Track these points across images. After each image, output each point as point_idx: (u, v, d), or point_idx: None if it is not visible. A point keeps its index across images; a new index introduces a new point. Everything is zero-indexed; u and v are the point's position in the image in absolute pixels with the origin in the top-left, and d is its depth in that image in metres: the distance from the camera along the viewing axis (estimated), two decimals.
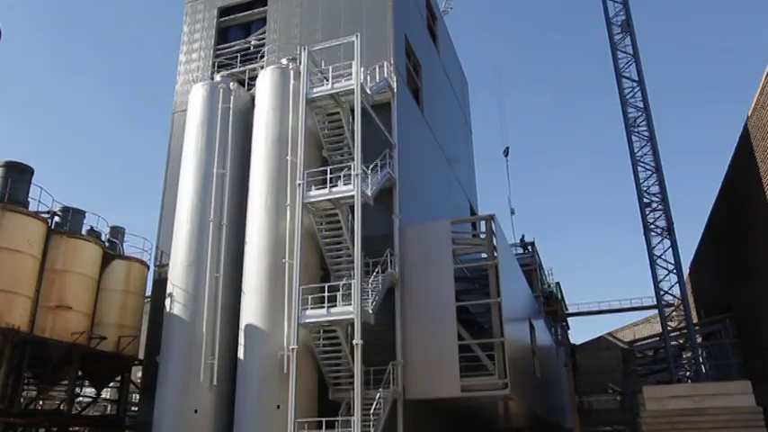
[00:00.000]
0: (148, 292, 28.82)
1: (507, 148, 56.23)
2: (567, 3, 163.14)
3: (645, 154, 37.49)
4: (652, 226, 36.36)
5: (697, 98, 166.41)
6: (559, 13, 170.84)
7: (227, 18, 31.75)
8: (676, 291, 36.19)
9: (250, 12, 31.30)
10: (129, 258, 29.17)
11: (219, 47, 31.08)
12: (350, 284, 21.09)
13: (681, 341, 36.84)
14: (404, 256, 23.39)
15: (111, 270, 28.08)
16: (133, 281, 28.65)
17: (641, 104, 38.07)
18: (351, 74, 23.44)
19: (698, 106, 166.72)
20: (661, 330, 36.30)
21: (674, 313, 38.72)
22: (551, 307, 47.72)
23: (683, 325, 37.36)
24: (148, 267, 29.56)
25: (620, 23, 40.02)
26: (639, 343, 41.71)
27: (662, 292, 35.71)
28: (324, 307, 21.01)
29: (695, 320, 42.08)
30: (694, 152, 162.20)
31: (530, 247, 47.35)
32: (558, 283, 53.31)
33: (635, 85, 38.47)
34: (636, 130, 37.76)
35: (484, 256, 23.60)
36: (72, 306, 25.52)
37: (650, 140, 37.37)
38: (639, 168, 37.22)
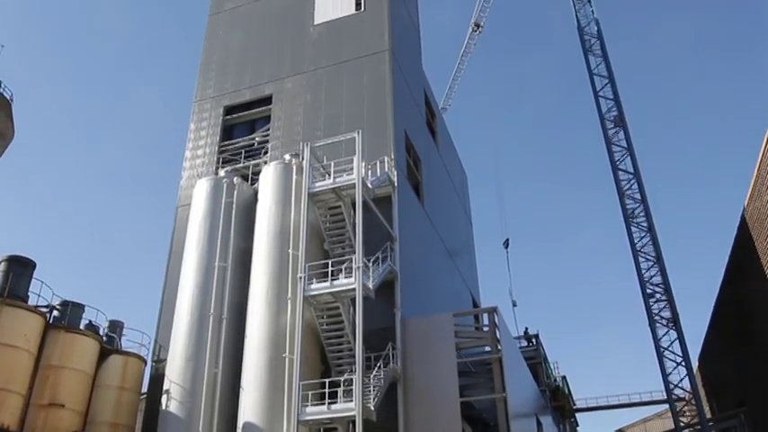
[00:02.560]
0: (145, 388, 28.11)
1: (507, 239, 56.43)
2: (563, 99, 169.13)
3: (645, 244, 37.75)
4: (657, 317, 36.05)
5: (694, 184, 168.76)
6: (556, 108, 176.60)
7: (232, 116, 32.88)
8: (686, 384, 35.32)
9: (255, 110, 32.46)
10: (126, 353, 28.64)
11: (224, 143, 31.98)
12: (351, 380, 20.64)
13: None
14: (406, 349, 23.01)
15: (108, 365, 27.50)
16: (129, 376, 27.99)
17: (638, 196, 38.72)
18: (352, 168, 24.00)
19: (696, 190, 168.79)
20: (674, 426, 35.10)
21: (686, 408, 37.56)
22: (558, 402, 46.22)
23: (695, 420, 36.15)
24: (146, 362, 29.00)
25: (612, 118, 41.38)
26: None
27: (672, 386, 34.84)
28: (324, 403, 20.46)
29: (708, 415, 40.71)
30: (695, 239, 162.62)
31: (534, 340, 46.52)
32: (564, 377, 51.91)
33: (631, 177, 39.29)
34: (635, 221, 38.19)
35: (487, 349, 23.23)
36: (65, 404, 24.81)
37: (650, 231, 37.74)
38: (641, 259, 37.39)
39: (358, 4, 32.92)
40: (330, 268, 22.44)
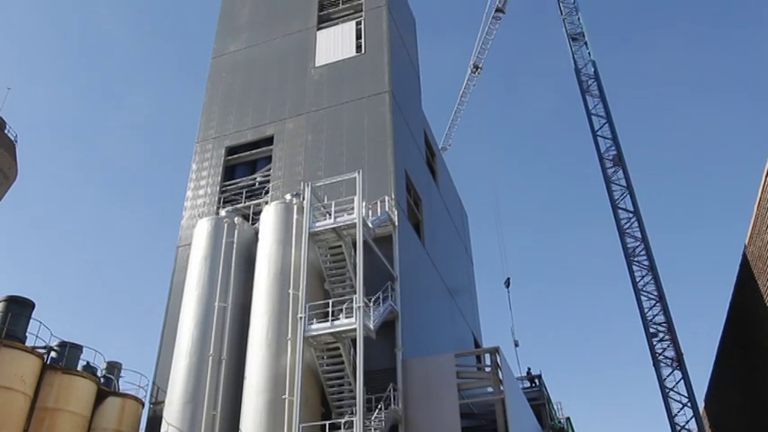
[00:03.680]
0: (142, 431, 27.64)
1: (508, 279, 56.18)
2: (563, 138, 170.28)
3: (647, 283, 37.62)
4: (661, 357, 35.68)
5: (694, 222, 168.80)
6: (557, 146, 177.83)
7: (233, 156, 33.15)
8: (693, 425, 34.75)
9: (256, 150, 32.75)
10: (123, 395, 28.24)
11: (226, 183, 32.18)
12: (352, 422, 20.33)
13: None
14: (407, 390, 22.71)
15: (105, 408, 27.09)
16: (126, 419, 27.53)
17: (639, 234, 38.75)
18: (353, 208, 24.10)
19: (696, 230, 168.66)
20: None
21: None
22: None
23: None
24: (143, 404, 28.59)
25: (611, 158, 41.71)
26: None
27: (678, 428, 34.27)
28: None
29: None
30: (698, 276, 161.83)
31: (537, 381, 45.87)
32: (568, 419, 50.96)
33: (631, 215, 39.40)
34: (635, 259, 38.14)
35: (490, 390, 22.92)
36: None
37: (651, 269, 37.62)
38: (643, 297, 37.23)
39: (358, 47, 33.56)
40: (331, 308, 22.34)
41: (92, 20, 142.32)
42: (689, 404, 34.62)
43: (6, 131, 37.40)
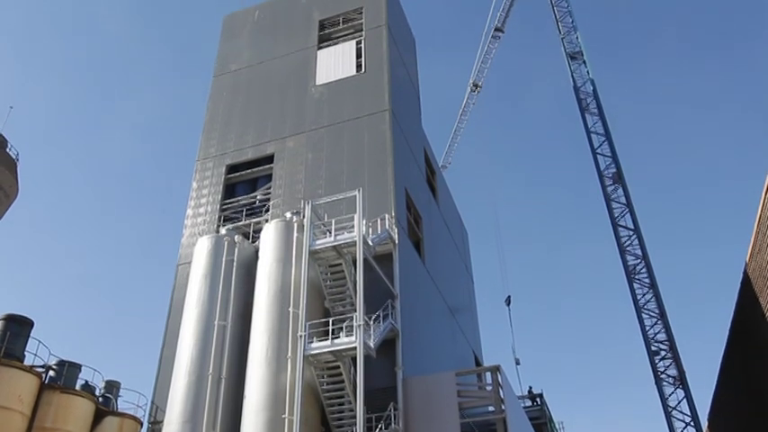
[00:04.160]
0: None
1: (509, 297, 56.03)
2: (564, 155, 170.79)
3: (648, 301, 37.51)
4: (663, 375, 35.48)
5: (695, 239, 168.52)
6: (557, 164, 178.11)
7: (234, 174, 33.23)
8: None
9: (257, 169, 32.84)
10: (122, 415, 28.01)
11: (226, 201, 32.22)
12: None
13: None
14: (408, 409, 22.55)
15: (103, 427, 26.82)
16: None
17: (639, 252, 38.71)
18: (353, 226, 24.11)
19: (697, 248, 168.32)
20: None
21: None
22: None
23: None
24: (142, 424, 28.36)
25: (611, 175, 41.80)
26: None
27: None
28: None
29: None
30: (699, 294, 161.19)
31: (538, 399, 45.53)
32: None
33: (631, 233, 39.39)
34: (636, 277, 38.08)
35: (491, 409, 22.76)
36: None
37: (652, 287, 37.53)
38: (644, 315, 37.10)
39: (359, 66, 33.80)
40: (331, 327, 22.26)
41: (92, 20, 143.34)
42: (692, 423, 34.35)
43: (8, 149, 37.56)
